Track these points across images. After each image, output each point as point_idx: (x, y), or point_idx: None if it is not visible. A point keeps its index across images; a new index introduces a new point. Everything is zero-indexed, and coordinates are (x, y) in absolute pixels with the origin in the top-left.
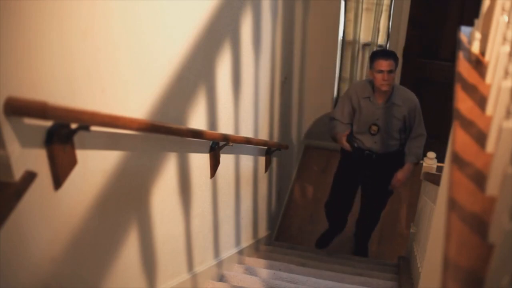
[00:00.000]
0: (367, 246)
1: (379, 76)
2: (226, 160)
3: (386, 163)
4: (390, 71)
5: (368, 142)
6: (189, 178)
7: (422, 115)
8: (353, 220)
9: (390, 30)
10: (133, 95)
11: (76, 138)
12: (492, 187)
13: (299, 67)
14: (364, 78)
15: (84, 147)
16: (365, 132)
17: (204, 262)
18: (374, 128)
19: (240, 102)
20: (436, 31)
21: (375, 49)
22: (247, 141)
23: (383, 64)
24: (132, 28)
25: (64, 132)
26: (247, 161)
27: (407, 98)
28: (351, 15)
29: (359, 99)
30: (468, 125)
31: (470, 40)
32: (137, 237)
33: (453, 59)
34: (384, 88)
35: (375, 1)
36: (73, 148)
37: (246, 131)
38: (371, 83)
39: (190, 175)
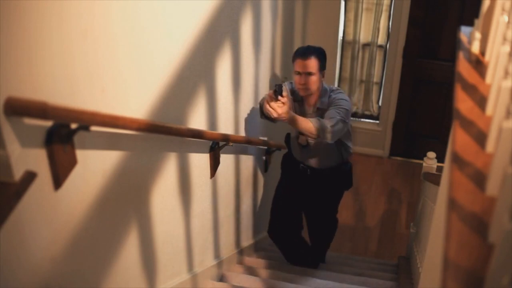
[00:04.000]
0: (323, 258)
1: (296, 79)
2: (226, 160)
3: (324, 181)
4: (309, 73)
5: (299, 154)
6: (189, 178)
7: (343, 107)
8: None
9: (390, 30)
10: (133, 95)
11: (76, 138)
12: (492, 187)
13: None
14: (364, 78)
15: (84, 147)
16: (295, 141)
17: (204, 262)
18: (303, 138)
19: (240, 102)
20: (436, 31)
21: (375, 49)
22: (247, 141)
23: (300, 65)
24: (132, 28)
25: (64, 132)
26: (247, 161)
27: (334, 96)
28: (351, 15)
29: (293, 101)
30: (468, 125)
31: (470, 40)
32: (137, 237)
33: (453, 59)
34: (302, 92)
35: (375, 1)
36: (73, 148)
37: (246, 131)
38: None
39: (190, 175)
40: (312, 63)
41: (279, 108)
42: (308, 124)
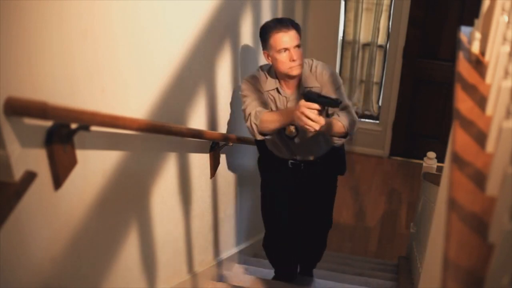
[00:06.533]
0: (312, 274)
1: (284, 58)
2: (226, 160)
3: (319, 171)
4: (297, 46)
5: (288, 149)
6: (189, 178)
7: (341, 85)
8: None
9: (390, 30)
10: (133, 95)
11: (76, 138)
12: (492, 187)
13: None
14: (364, 78)
15: (84, 147)
16: (280, 136)
17: (204, 262)
18: (291, 128)
19: (240, 102)
20: (436, 31)
21: (375, 49)
22: (247, 141)
23: (286, 39)
24: (132, 28)
25: (64, 132)
26: (247, 161)
27: (319, 71)
28: (351, 15)
29: (268, 93)
30: (468, 125)
31: (470, 40)
32: (137, 237)
33: (453, 59)
34: (296, 71)
35: (375, 1)
36: (73, 148)
37: (246, 131)
38: (269, 71)
39: (190, 175)
40: (296, 34)
41: (320, 118)
42: (338, 124)
